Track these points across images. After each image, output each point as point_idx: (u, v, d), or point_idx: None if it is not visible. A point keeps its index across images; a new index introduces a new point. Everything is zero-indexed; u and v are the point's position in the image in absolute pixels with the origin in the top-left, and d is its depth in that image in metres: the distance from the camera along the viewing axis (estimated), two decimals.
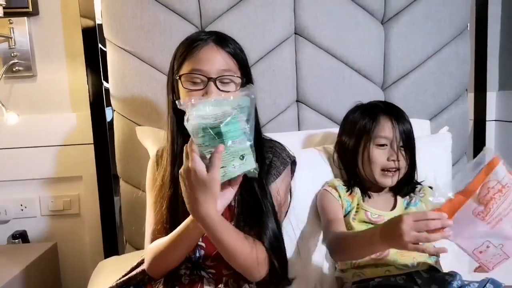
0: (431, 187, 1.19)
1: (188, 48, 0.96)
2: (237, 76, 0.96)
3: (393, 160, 1.10)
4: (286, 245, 1.08)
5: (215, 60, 0.94)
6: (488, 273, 0.88)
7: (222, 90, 0.94)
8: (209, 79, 0.93)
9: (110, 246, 1.51)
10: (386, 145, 1.11)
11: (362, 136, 1.13)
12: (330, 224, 1.09)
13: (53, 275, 1.62)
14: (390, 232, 0.83)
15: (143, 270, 0.99)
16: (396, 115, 1.13)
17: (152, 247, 0.96)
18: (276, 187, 1.00)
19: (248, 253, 0.89)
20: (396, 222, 0.81)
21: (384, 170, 1.11)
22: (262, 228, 0.94)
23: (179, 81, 0.96)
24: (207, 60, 0.94)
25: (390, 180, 1.11)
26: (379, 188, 1.15)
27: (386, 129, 1.11)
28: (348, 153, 1.16)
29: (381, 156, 1.11)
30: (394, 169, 1.11)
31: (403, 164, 1.11)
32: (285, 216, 1.06)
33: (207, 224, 0.83)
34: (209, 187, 0.79)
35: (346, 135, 1.19)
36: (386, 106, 1.17)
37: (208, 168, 0.78)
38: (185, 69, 0.96)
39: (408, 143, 1.12)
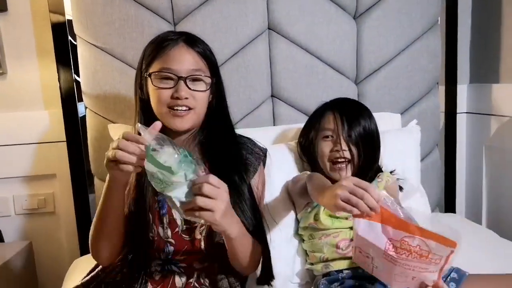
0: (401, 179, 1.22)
1: (158, 47, 0.97)
2: (207, 76, 0.98)
3: (337, 150, 1.12)
4: None
5: (185, 60, 0.95)
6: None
7: (192, 89, 0.95)
8: (180, 78, 0.94)
9: (86, 243, 1.48)
10: (333, 136, 1.14)
11: (311, 131, 1.19)
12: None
13: (29, 274, 1.60)
14: (332, 187, 0.85)
15: (103, 268, 0.99)
16: (341, 108, 1.16)
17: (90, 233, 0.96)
18: (256, 182, 1.03)
19: (258, 258, 0.95)
20: (341, 181, 0.83)
21: (332, 162, 1.13)
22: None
23: (149, 79, 0.96)
24: (178, 59, 0.95)
25: (337, 174, 1.12)
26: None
27: (329, 121, 1.15)
28: (307, 148, 1.22)
29: (326, 148, 1.14)
30: (342, 161, 1.12)
31: (349, 154, 1.12)
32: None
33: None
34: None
35: (304, 131, 1.25)
36: (335, 101, 1.22)
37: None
38: (154, 67, 0.96)
39: (360, 135, 1.13)
